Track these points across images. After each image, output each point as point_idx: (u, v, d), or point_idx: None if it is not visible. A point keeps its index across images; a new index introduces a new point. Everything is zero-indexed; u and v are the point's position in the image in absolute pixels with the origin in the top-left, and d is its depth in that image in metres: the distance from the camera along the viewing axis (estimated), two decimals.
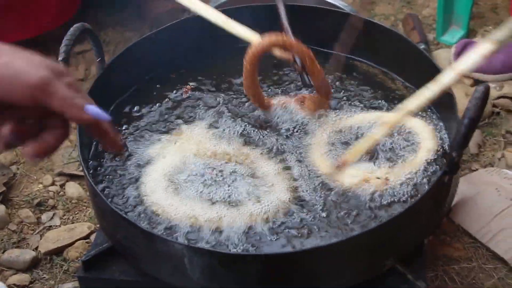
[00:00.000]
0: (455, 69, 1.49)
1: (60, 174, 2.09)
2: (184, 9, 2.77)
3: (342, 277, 1.39)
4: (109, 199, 1.51)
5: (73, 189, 2.05)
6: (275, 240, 1.43)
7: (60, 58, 1.65)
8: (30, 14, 2.47)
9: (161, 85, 1.87)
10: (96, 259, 1.48)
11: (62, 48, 1.66)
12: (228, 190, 1.55)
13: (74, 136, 2.12)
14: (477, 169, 2.08)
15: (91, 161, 1.65)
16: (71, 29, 1.68)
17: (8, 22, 2.45)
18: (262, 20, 1.85)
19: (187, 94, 1.87)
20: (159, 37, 1.86)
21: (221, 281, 1.35)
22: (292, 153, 1.64)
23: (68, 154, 2.15)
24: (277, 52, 1.66)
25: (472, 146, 2.13)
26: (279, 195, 1.52)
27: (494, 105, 2.30)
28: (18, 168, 2.10)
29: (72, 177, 2.09)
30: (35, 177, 2.08)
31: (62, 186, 2.08)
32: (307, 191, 1.53)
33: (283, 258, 1.37)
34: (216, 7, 2.40)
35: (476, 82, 2.35)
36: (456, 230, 1.92)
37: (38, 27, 2.52)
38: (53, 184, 2.08)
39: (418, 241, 1.54)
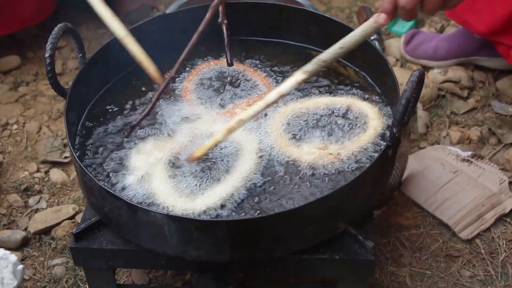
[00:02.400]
0: (278, 91, 1.62)
1: (44, 161, 2.18)
2: (153, 7, 2.84)
3: (304, 238, 1.50)
4: (95, 177, 1.56)
5: (57, 175, 2.13)
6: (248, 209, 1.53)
7: (46, 55, 1.72)
8: (10, 11, 2.45)
9: (137, 80, 1.92)
10: (86, 231, 1.57)
11: (48, 46, 1.73)
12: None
13: (55, 126, 2.26)
14: (425, 147, 2.20)
15: (77, 145, 1.71)
16: (56, 28, 1.76)
17: None
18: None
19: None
20: (134, 34, 1.86)
21: (196, 245, 1.45)
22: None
23: (50, 144, 2.23)
24: None
25: (420, 126, 2.24)
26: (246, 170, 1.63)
27: (439, 89, 2.41)
28: (4, 158, 2.17)
29: (55, 164, 2.18)
30: (20, 165, 2.16)
31: (46, 172, 2.17)
32: (271, 166, 1.63)
33: (251, 223, 1.46)
34: (180, 6, 2.49)
35: (424, 68, 2.45)
36: (406, 202, 2.05)
37: (17, 24, 2.51)
38: (38, 171, 2.16)
39: (367, 207, 1.65)
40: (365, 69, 1.92)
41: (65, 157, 2.18)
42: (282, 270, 1.62)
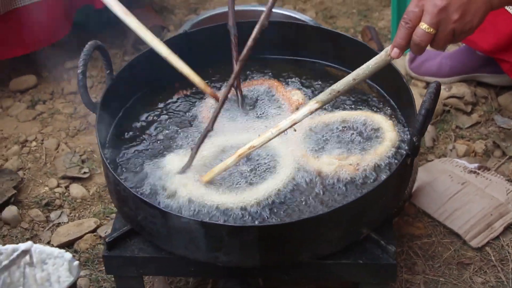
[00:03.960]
0: (291, 118, 1.68)
1: (64, 177, 2.20)
2: (163, 27, 2.85)
3: (329, 243, 1.55)
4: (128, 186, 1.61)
5: (77, 189, 2.16)
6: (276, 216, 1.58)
7: (78, 71, 1.75)
8: (27, 32, 2.47)
9: (158, 95, 1.97)
10: (117, 240, 1.61)
11: (81, 62, 1.78)
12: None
13: (72, 142, 2.29)
14: (432, 160, 2.23)
15: (107, 157, 1.73)
16: (87, 45, 1.81)
17: (9, 38, 2.44)
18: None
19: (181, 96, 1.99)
20: (153, 54, 1.92)
21: (227, 251, 1.49)
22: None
23: (69, 160, 2.24)
24: None
25: (427, 140, 2.26)
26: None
27: (444, 104, 2.43)
28: (24, 174, 2.19)
29: (75, 179, 2.20)
30: (40, 181, 2.18)
31: (66, 187, 2.19)
32: (296, 176, 1.68)
33: (280, 228, 1.51)
34: (192, 26, 2.51)
35: (428, 84, 2.40)
36: (417, 212, 2.07)
37: (34, 45, 2.52)
38: (58, 186, 2.18)
39: (388, 214, 1.69)
40: (379, 83, 1.97)
41: (84, 173, 2.21)
42: (307, 274, 1.66)
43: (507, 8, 2.10)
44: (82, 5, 2.55)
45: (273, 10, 2.12)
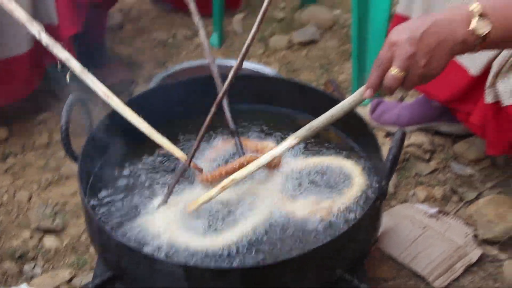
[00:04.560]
0: (271, 153, 1.72)
1: (37, 229, 2.19)
2: (132, 81, 2.86)
3: (304, 284, 1.58)
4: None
5: (50, 241, 2.16)
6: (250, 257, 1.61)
7: (62, 122, 1.80)
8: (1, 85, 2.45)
9: (139, 145, 1.97)
10: (99, 287, 1.61)
11: (64, 113, 1.81)
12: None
13: (45, 194, 2.31)
14: (395, 205, 2.28)
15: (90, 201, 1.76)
16: (71, 97, 1.85)
17: None
18: (204, 89, 2.07)
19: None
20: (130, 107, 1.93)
21: None
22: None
23: (42, 211, 2.24)
24: None
25: (390, 187, 2.28)
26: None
27: (404, 153, 2.47)
28: None
29: (48, 231, 2.19)
30: (13, 233, 2.18)
31: (39, 239, 2.18)
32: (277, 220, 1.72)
33: (255, 271, 1.54)
34: (162, 79, 2.59)
35: (388, 133, 2.57)
36: (383, 256, 2.11)
37: (5, 99, 2.52)
38: (31, 238, 2.17)
39: (360, 254, 1.74)
40: (347, 132, 2.02)
41: (57, 224, 2.21)
42: None
43: (457, 59, 2.17)
44: (49, 63, 2.56)
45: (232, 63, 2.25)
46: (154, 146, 1.98)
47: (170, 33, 3.23)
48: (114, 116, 1.97)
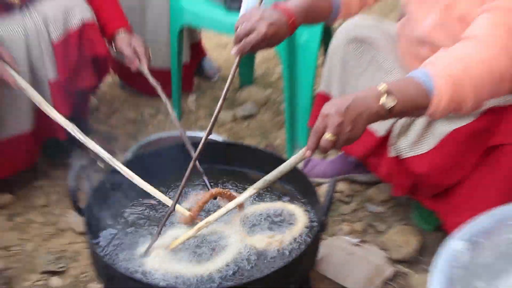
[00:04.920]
0: (236, 201, 1.79)
1: (44, 272, 2.18)
2: (111, 151, 2.67)
3: None
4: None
5: (56, 281, 2.14)
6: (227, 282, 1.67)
7: (70, 186, 1.82)
8: (4, 160, 2.44)
9: (131, 198, 2.00)
10: None
11: (72, 177, 1.82)
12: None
13: (48, 244, 2.31)
14: (327, 238, 2.30)
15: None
16: (77, 165, 1.86)
17: None
18: (179, 155, 2.07)
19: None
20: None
21: None
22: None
23: (46, 258, 2.24)
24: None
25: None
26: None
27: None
28: (9, 273, 2.17)
29: (53, 273, 2.18)
30: (24, 277, 2.16)
31: (46, 280, 2.16)
32: (242, 253, 1.77)
33: None
34: (137, 149, 2.58)
35: (318, 184, 2.55)
36: (320, 276, 2.16)
37: (10, 170, 2.46)
38: (39, 280, 2.15)
39: (307, 275, 1.86)
40: (292, 183, 2.06)
41: (60, 267, 2.22)
42: None
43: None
44: (48, 137, 2.52)
45: (197, 135, 2.47)
46: (143, 198, 2.02)
47: (138, 112, 3.24)
48: (111, 176, 2.00)
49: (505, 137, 1.92)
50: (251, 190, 1.77)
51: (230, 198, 1.90)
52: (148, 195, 1.99)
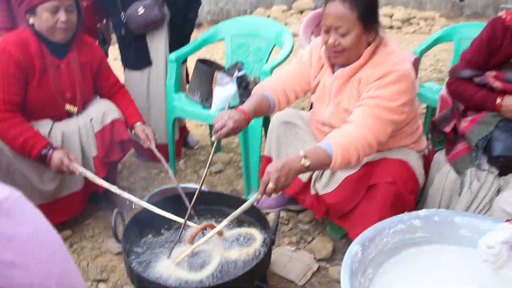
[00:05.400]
0: (217, 228, 1.78)
1: (94, 280, 2.16)
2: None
3: None
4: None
5: (102, 286, 2.13)
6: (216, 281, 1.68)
7: (112, 224, 1.82)
8: (66, 207, 2.39)
9: (151, 229, 1.97)
10: None
11: (113, 218, 1.84)
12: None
13: (95, 262, 2.25)
14: (275, 248, 2.23)
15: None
16: (114, 213, 1.86)
17: (51, 214, 2.26)
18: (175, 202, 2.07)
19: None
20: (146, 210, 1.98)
21: None
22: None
23: (95, 271, 2.19)
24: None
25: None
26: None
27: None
28: None
29: (100, 281, 2.16)
30: None
31: (96, 286, 2.14)
32: (223, 262, 1.79)
33: (222, 285, 1.61)
34: (149, 197, 2.55)
35: (266, 213, 2.47)
36: (272, 274, 2.13)
37: (69, 214, 2.44)
38: (91, 286, 2.13)
39: (264, 273, 1.89)
40: (251, 215, 2.07)
41: (104, 277, 2.19)
42: None
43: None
44: (92, 191, 2.49)
45: (187, 185, 2.51)
46: (161, 227, 2.01)
47: (147, 172, 3.16)
48: (138, 215, 2.00)
49: (377, 179, 1.96)
50: (226, 221, 1.79)
51: (213, 227, 1.88)
52: (164, 225, 1.98)
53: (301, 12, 9.42)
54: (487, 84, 2.00)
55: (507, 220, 1.55)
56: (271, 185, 1.55)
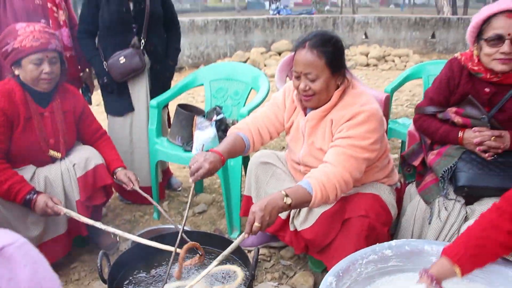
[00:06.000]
0: (205, 271, 1.73)
1: None
2: (117, 242, 2.71)
3: None
4: None
5: None
6: None
7: (98, 265, 1.79)
8: (50, 250, 2.33)
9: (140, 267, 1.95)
10: None
11: (99, 260, 1.81)
12: None
13: None
14: (257, 285, 2.32)
15: None
16: (100, 253, 1.87)
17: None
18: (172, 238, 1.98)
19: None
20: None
21: None
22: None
23: None
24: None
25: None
26: None
27: (257, 259, 2.33)
28: None
29: None
30: None
31: None
32: None
33: None
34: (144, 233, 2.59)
35: (248, 251, 2.52)
36: None
37: (54, 258, 2.39)
38: None
39: None
40: (235, 254, 2.05)
41: None
42: None
43: None
44: (76, 235, 2.51)
45: (169, 226, 2.53)
46: (146, 267, 2.00)
47: (131, 215, 3.18)
48: (123, 256, 1.98)
49: (350, 213, 2.03)
50: (215, 262, 1.78)
51: (199, 260, 1.93)
52: (150, 264, 1.99)
53: (279, 53, 9.74)
54: (449, 119, 2.13)
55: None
56: (257, 224, 1.61)
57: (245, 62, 8.74)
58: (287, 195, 1.69)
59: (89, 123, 2.57)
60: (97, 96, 3.56)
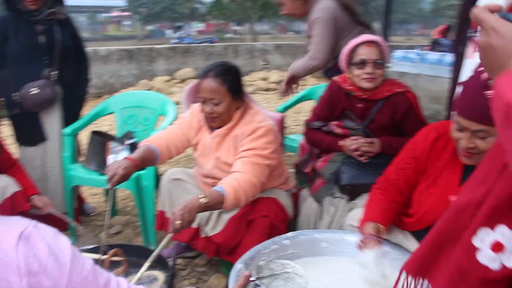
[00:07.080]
0: (140, 272, 1.77)
1: None
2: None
3: None
4: None
5: None
6: None
7: None
8: None
9: None
10: None
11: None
12: None
13: None
14: None
15: None
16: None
17: None
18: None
19: None
20: None
21: None
22: None
23: None
24: None
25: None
26: None
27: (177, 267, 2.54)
28: None
29: None
30: None
31: None
32: None
33: None
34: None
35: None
36: None
37: None
38: None
39: None
40: (157, 261, 1.92)
41: None
42: None
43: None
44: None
45: (87, 247, 2.38)
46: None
47: None
48: None
49: (254, 214, 2.25)
50: (147, 263, 1.84)
51: (124, 269, 2.01)
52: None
53: (183, 81, 9.96)
54: (331, 131, 2.50)
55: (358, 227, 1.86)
56: (178, 221, 1.74)
57: (149, 90, 8.80)
58: (203, 196, 1.86)
59: (2, 152, 2.60)
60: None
